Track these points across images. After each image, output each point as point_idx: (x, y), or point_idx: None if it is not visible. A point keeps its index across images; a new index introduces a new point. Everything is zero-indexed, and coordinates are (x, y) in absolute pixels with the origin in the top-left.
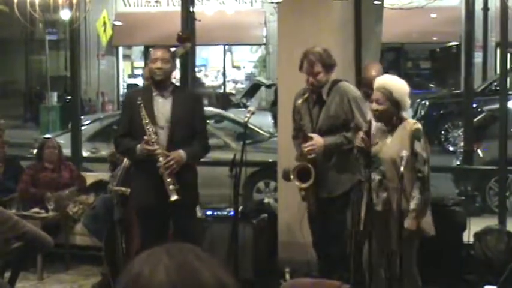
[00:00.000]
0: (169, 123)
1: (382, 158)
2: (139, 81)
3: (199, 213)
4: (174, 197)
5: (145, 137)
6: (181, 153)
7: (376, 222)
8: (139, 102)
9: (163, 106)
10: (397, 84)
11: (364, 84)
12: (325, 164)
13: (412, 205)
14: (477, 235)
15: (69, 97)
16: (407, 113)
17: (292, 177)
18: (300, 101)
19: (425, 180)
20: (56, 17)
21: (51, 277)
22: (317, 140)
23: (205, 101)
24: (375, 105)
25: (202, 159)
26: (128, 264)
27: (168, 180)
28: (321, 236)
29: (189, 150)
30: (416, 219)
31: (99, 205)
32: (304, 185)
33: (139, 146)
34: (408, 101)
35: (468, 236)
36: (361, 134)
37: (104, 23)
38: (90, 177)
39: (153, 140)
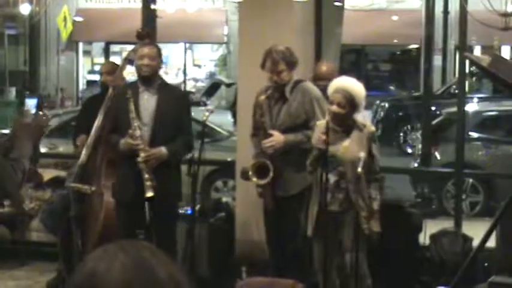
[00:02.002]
0: (153, 121)
1: (342, 160)
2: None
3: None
4: (149, 194)
5: (130, 131)
6: (161, 150)
7: (330, 222)
8: (128, 96)
9: (148, 102)
10: (358, 89)
11: (318, 79)
12: (282, 162)
13: (375, 206)
14: (433, 237)
15: (27, 92)
16: (361, 115)
17: (250, 173)
18: (263, 97)
19: (382, 181)
20: (16, 11)
21: (6, 273)
22: (277, 137)
23: None
24: (335, 108)
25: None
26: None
27: (146, 176)
28: (275, 234)
29: (171, 147)
30: (379, 220)
31: (57, 201)
32: (262, 182)
33: (122, 140)
34: (364, 104)
35: (424, 238)
36: (322, 136)
37: (65, 18)
38: (48, 174)
39: (137, 135)
